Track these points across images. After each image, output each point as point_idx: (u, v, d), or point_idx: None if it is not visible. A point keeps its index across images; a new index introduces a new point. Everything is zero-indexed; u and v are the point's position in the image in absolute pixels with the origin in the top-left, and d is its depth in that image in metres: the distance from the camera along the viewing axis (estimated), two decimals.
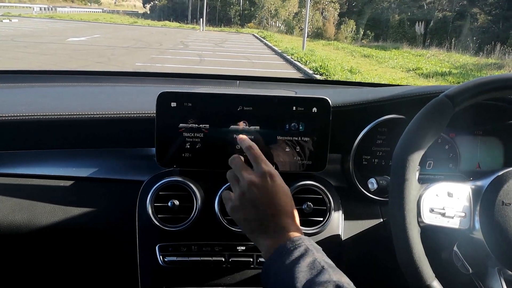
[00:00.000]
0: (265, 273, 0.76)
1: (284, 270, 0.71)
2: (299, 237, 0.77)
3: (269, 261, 0.76)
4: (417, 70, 12.80)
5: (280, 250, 0.75)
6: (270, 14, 37.35)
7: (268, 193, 0.81)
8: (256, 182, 0.82)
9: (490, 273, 0.82)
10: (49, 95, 1.26)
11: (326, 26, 28.90)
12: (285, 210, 0.81)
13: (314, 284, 0.67)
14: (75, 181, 1.06)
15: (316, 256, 0.73)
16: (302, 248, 0.74)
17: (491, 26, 19.31)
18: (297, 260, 0.71)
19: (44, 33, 19.15)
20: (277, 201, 0.81)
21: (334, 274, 0.69)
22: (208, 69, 10.95)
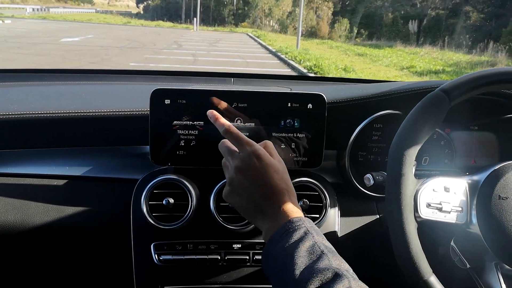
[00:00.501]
0: (265, 257, 0.75)
1: (283, 254, 0.70)
2: (299, 218, 0.74)
3: (269, 244, 0.74)
4: (411, 68, 12.83)
5: (279, 232, 0.73)
6: (264, 14, 37.37)
7: (256, 174, 0.78)
8: (241, 166, 0.79)
9: (488, 268, 0.82)
10: (40, 93, 1.25)
11: (320, 25, 28.94)
12: (279, 188, 0.77)
13: (313, 270, 0.65)
14: (68, 180, 1.05)
15: (316, 239, 0.71)
16: (301, 231, 0.72)
17: (484, 24, 19.41)
18: (297, 244, 0.70)
19: (38, 34, 19.05)
20: (267, 180, 0.77)
21: (334, 260, 0.68)
22: (202, 69, 10.92)
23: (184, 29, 31.90)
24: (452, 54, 17.07)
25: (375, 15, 25.28)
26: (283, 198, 0.77)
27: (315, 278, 0.64)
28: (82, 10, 57.46)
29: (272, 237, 0.74)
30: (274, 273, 0.72)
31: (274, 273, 0.71)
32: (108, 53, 13.14)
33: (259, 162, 0.78)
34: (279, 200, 0.77)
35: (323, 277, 0.64)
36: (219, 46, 18.45)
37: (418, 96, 0.88)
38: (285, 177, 0.80)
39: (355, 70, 11.62)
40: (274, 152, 0.84)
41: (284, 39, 23.72)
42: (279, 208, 0.76)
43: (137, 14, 54.87)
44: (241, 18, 39.41)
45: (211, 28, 35.16)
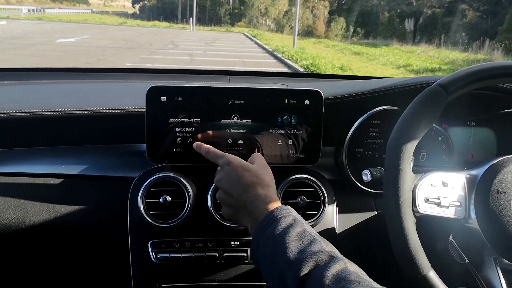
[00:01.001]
0: (254, 244, 0.75)
1: (273, 239, 0.70)
2: (286, 207, 0.76)
3: (257, 231, 0.74)
4: (407, 66, 12.85)
5: (267, 219, 0.73)
6: (260, 13, 37.35)
7: (230, 178, 0.82)
8: (218, 177, 0.86)
9: (486, 262, 0.82)
10: (35, 92, 1.24)
11: (316, 24, 28.93)
12: (250, 182, 0.80)
13: (306, 253, 0.65)
14: (64, 178, 1.04)
15: (305, 227, 0.73)
16: (290, 218, 0.73)
17: (480, 22, 19.45)
18: (287, 230, 0.70)
19: (33, 34, 18.96)
20: (240, 179, 0.81)
21: (326, 245, 0.69)
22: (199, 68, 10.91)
23: (180, 29, 31.83)
24: (448, 52, 17.09)
25: (371, 13, 25.30)
26: (256, 190, 0.79)
27: (309, 260, 0.64)
28: (77, 10, 57.30)
29: (260, 224, 0.74)
30: (263, 259, 0.71)
31: (263, 259, 0.71)
32: (104, 53, 13.11)
33: (229, 167, 0.83)
34: (253, 193, 0.79)
35: (318, 258, 0.64)
36: (216, 46, 18.43)
37: (415, 91, 0.88)
38: (258, 173, 0.83)
39: (351, 69, 11.61)
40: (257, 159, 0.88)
41: (281, 38, 23.69)
42: (255, 200, 0.78)
43: (133, 14, 54.73)
44: (238, 18, 39.38)
45: (208, 28, 35.10)
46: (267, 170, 0.86)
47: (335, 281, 0.59)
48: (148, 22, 37.37)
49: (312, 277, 0.62)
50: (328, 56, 14.41)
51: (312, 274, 0.62)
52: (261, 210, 0.76)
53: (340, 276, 0.60)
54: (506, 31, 15.74)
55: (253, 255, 0.75)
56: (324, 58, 13.51)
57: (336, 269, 0.62)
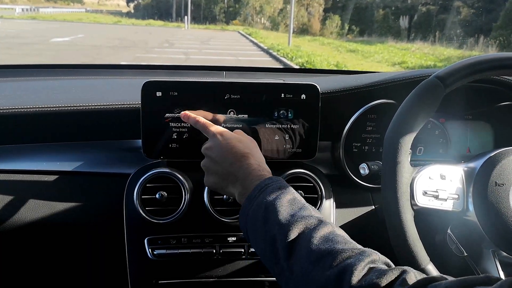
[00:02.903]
0: (244, 211, 0.75)
1: (265, 206, 0.70)
2: (278, 177, 0.77)
3: (247, 200, 0.74)
4: (402, 64, 12.85)
5: (258, 188, 0.74)
6: (255, 11, 37.32)
7: (221, 148, 0.82)
8: (208, 145, 0.85)
9: (485, 255, 0.82)
10: (29, 88, 1.23)
11: (311, 22, 28.95)
12: (243, 152, 0.81)
13: (296, 217, 0.67)
14: (59, 175, 1.03)
15: (296, 195, 0.74)
16: (282, 185, 0.74)
17: (474, 19, 19.49)
18: (278, 196, 0.71)
19: (28, 34, 18.85)
20: (232, 149, 0.81)
21: (315, 212, 0.70)
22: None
23: (175, 27, 31.75)
24: (443, 49, 17.11)
25: (366, 11, 25.32)
26: (248, 160, 0.80)
27: (299, 223, 0.66)
28: (72, 9, 57.02)
29: (252, 192, 0.74)
30: (252, 225, 0.72)
31: (253, 225, 0.72)
32: (99, 52, 13.06)
33: (222, 138, 0.83)
34: (245, 162, 0.79)
35: (308, 222, 0.66)
36: (211, 44, 18.40)
37: (412, 84, 0.87)
38: (249, 145, 0.84)
39: (347, 66, 11.62)
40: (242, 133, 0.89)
41: (276, 36, 23.67)
42: (247, 168, 0.78)
43: (128, 13, 54.54)
44: (232, 16, 39.33)
45: (203, 26, 35.04)
46: (254, 143, 0.87)
47: (323, 241, 0.63)
48: (143, 21, 37.26)
49: (301, 239, 0.65)
50: (323, 54, 14.41)
51: (302, 236, 0.65)
52: (253, 179, 0.76)
53: (328, 237, 0.63)
54: (500, 27, 15.77)
55: (242, 222, 0.75)
56: (320, 55, 13.51)
57: (324, 232, 0.65)
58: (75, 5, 63.51)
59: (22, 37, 17.34)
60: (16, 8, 41.86)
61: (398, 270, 0.57)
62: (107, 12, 57.09)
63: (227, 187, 0.82)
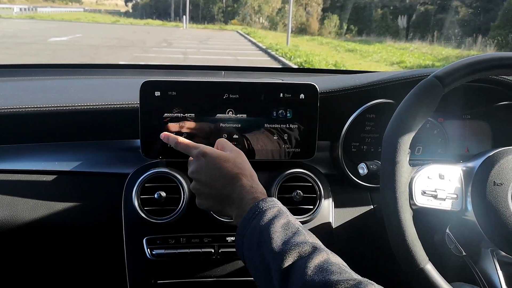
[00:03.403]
0: (239, 236, 0.74)
1: (258, 230, 0.70)
2: (271, 199, 0.76)
3: (242, 223, 0.74)
4: (400, 63, 12.86)
5: (252, 211, 0.73)
6: (254, 11, 37.30)
7: (207, 170, 0.81)
8: (193, 169, 0.83)
9: (483, 255, 0.82)
10: (27, 88, 1.23)
11: (310, 22, 28.92)
12: (233, 174, 0.79)
13: (290, 244, 0.66)
14: (57, 175, 1.02)
15: (290, 218, 0.72)
16: (275, 209, 0.73)
17: (473, 18, 19.50)
18: (271, 221, 0.70)
19: (26, 33, 18.80)
20: (219, 171, 0.79)
21: (309, 237, 0.69)
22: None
23: (173, 27, 31.68)
24: (441, 49, 17.12)
25: (364, 10, 25.32)
26: (241, 181, 0.78)
27: (293, 251, 0.65)
28: (70, 9, 56.87)
29: (245, 216, 0.74)
30: (248, 250, 0.71)
31: (248, 250, 0.71)
32: (97, 52, 13.04)
33: (206, 159, 0.81)
34: (238, 184, 0.78)
35: (301, 249, 0.65)
36: (209, 44, 18.38)
37: (411, 84, 0.87)
38: (238, 163, 0.81)
39: (345, 66, 11.63)
40: (227, 145, 0.86)
41: (274, 36, 23.66)
42: (241, 191, 0.77)
43: (126, 12, 54.40)
44: (231, 16, 39.30)
45: (201, 26, 34.99)
46: (242, 156, 0.84)
47: (317, 272, 0.61)
48: (141, 20, 37.17)
49: (295, 268, 0.63)
50: (322, 53, 14.41)
51: (296, 266, 0.64)
52: (247, 202, 0.75)
53: (322, 267, 0.62)
54: (498, 27, 15.78)
55: (238, 246, 0.75)
56: (318, 55, 13.52)
57: (318, 260, 0.63)
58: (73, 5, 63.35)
59: (20, 36, 17.31)
60: (14, 8, 41.75)
61: None
62: (105, 11, 56.96)
63: (224, 209, 0.81)
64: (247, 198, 0.76)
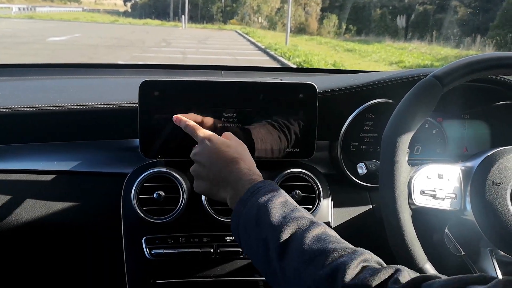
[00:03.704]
0: (236, 215, 0.74)
1: (257, 208, 0.70)
2: (269, 181, 0.77)
3: (239, 204, 0.74)
4: (399, 63, 12.87)
5: (251, 190, 0.73)
6: (253, 10, 37.29)
7: (209, 154, 0.82)
8: (197, 151, 0.84)
9: (482, 254, 0.82)
10: (26, 88, 1.22)
11: (309, 21, 28.93)
12: (232, 157, 0.80)
13: (288, 218, 0.67)
14: (56, 175, 1.02)
15: (288, 198, 0.73)
16: (273, 189, 0.74)
17: (471, 18, 19.52)
18: (270, 198, 0.71)
19: (24, 33, 18.77)
20: (221, 155, 0.81)
21: (307, 214, 0.70)
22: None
23: (172, 27, 31.65)
24: (440, 48, 17.13)
25: (363, 10, 25.33)
26: (238, 165, 0.79)
27: (292, 224, 0.66)
28: (69, 9, 56.77)
29: (244, 195, 0.74)
30: (244, 228, 0.72)
31: (244, 227, 0.72)
32: (96, 51, 13.03)
33: (211, 143, 0.83)
34: (236, 167, 0.79)
35: (300, 223, 0.66)
36: (208, 44, 18.37)
37: (410, 84, 0.87)
38: (239, 150, 0.83)
39: (344, 65, 11.64)
40: (232, 137, 0.88)
41: (273, 35, 23.66)
42: (238, 173, 0.78)
43: (125, 12, 54.34)
44: (230, 15, 39.28)
45: (200, 26, 34.98)
46: (244, 147, 0.86)
47: (315, 241, 0.63)
48: (140, 20, 37.14)
49: (293, 239, 0.65)
50: (320, 53, 14.42)
51: (294, 237, 0.65)
52: (244, 183, 0.76)
53: (320, 237, 0.64)
54: (497, 27, 15.80)
55: (234, 225, 0.75)
56: (317, 55, 13.53)
57: (316, 232, 0.65)
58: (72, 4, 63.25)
59: (19, 36, 17.28)
60: (13, 7, 41.68)
61: (391, 269, 0.58)
62: (104, 11, 56.87)
63: (218, 192, 0.82)
64: (243, 180, 0.77)
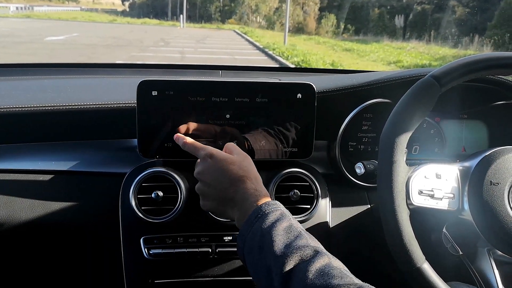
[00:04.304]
0: (241, 239, 0.74)
1: (260, 233, 0.70)
2: (274, 202, 0.76)
3: (244, 226, 0.74)
4: (397, 63, 12.89)
5: (255, 214, 0.73)
6: (251, 10, 37.30)
7: (213, 172, 0.81)
8: (199, 170, 0.84)
9: (480, 254, 0.82)
10: (24, 88, 1.22)
11: (307, 21, 28.96)
12: (237, 176, 0.79)
13: (292, 247, 0.66)
14: (54, 175, 1.02)
15: (292, 222, 0.72)
16: (278, 212, 0.73)
17: (469, 18, 19.55)
18: (274, 224, 0.70)
19: (22, 32, 18.73)
20: (225, 173, 0.80)
21: (311, 241, 0.69)
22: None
23: (170, 26, 31.64)
24: (438, 48, 17.16)
25: (361, 10, 25.36)
26: (245, 184, 0.78)
27: (295, 254, 0.65)
28: (67, 8, 56.66)
29: (248, 219, 0.73)
30: (249, 253, 0.71)
31: (249, 252, 0.71)
32: (94, 51, 13.02)
33: (213, 160, 0.82)
34: (242, 186, 0.78)
35: (303, 253, 0.65)
36: (207, 43, 18.37)
37: (408, 84, 0.88)
38: (243, 166, 0.81)
39: (342, 65, 11.65)
40: (235, 149, 0.87)
41: (272, 35, 23.66)
42: (244, 193, 0.77)
43: (123, 11, 54.26)
44: (228, 15, 39.27)
45: (198, 25, 34.98)
46: (249, 160, 0.84)
47: (318, 276, 0.61)
48: (138, 19, 37.11)
49: (296, 271, 0.63)
50: (319, 53, 14.43)
51: (297, 269, 0.63)
52: (250, 204, 0.75)
53: (324, 271, 0.62)
54: (495, 26, 15.82)
55: (239, 248, 0.75)
56: (315, 54, 13.54)
57: (320, 264, 0.63)
58: (70, 4, 63.14)
59: (17, 36, 17.25)
60: (11, 7, 41.57)
61: None
62: (102, 10, 56.80)
63: (225, 211, 0.82)
64: (250, 201, 0.76)
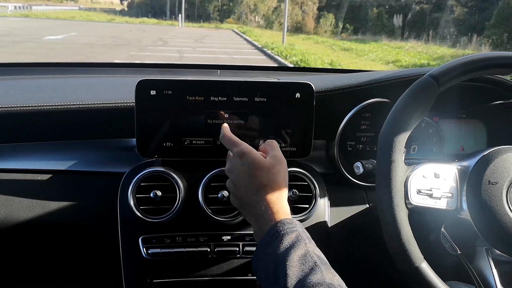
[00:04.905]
0: (256, 260, 0.74)
1: (275, 260, 0.69)
2: (290, 221, 0.74)
3: (260, 247, 0.73)
4: (396, 62, 12.89)
5: (270, 233, 0.72)
6: (249, 9, 37.29)
7: (240, 172, 0.81)
8: (229, 167, 0.84)
9: (478, 253, 0.82)
10: (21, 87, 1.22)
11: (306, 20, 28.98)
12: (261, 185, 0.78)
13: (305, 284, 0.64)
14: (53, 174, 1.02)
15: (308, 247, 0.71)
16: (293, 235, 0.72)
17: (468, 17, 19.56)
18: (289, 251, 0.69)
19: (20, 32, 18.70)
20: (252, 179, 0.79)
21: (327, 274, 0.67)
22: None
23: (169, 25, 31.62)
24: (436, 48, 17.16)
25: (360, 10, 25.36)
26: (266, 195, 0.77)
27: None
28: (65, 7, 56.55)
29: (263, 239, 0.73)
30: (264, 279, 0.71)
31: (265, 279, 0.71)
32: (93, 50, 13.00)
33: (243, 161, 0.80)
34: (264, 197, 0.77)
35: None
36: (205, 43, 18.36)
37: (406, 83, 0.88)
38: (272, 173, 0.80)
39: (341, 65, 11.65)
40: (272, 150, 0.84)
41: (270, 34, 23.65)
42: (266, 205, 0.77)
43: (121, 11, 54.15)
44: (227, 14, 39.24)
45: (197, 25, 34.95)
46: (281, 165, 0.82)
47: None
48: (137, 19, 37.06)
49: None
50: (317, 52, 14.43)
51: None
52: (267, 219, 0.75)
53: None
54: (493, 26, 15.83)
55: (253, 267, 0.75)
56: (314, 54, 13.54)
57: None
58: (68, 3, 62.99)
59: (15, 35, 17.21)
60: (9, 6, 41.46)
61: None
62: (101, 10, 56.67)
63: (247, 215, 0.82)
64: (267, 215, 0.76)
